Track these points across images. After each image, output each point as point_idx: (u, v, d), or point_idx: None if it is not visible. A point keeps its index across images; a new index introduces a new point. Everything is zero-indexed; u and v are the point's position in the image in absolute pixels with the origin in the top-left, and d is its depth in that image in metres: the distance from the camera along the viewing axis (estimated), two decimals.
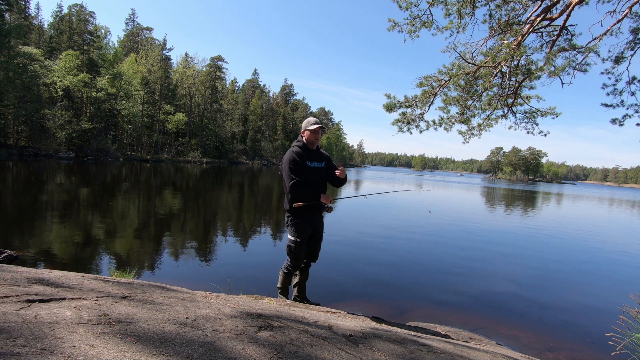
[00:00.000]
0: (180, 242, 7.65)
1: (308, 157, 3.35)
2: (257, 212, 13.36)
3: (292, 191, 3.24)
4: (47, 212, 9.65)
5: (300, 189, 3.24)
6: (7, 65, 30.85)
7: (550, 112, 5.97)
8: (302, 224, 3.33)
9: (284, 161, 3.33)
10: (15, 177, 18.21)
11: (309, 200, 3.27)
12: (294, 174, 3.24)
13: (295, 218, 3.33)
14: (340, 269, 6.42)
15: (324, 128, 3.47)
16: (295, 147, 3.39)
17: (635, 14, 5.42)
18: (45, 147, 35.10)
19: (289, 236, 3.39)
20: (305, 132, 3.43)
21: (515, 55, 5.22)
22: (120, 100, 44.60)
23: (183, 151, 52.70)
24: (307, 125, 3.42)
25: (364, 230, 10.46)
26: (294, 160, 3.28)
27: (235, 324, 1.72)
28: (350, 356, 1.65)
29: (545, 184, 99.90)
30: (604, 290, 6.64)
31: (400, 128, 6.64)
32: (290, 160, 3.27)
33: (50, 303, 1.56)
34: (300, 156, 3.32)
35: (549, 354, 3.96)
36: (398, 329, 2.94)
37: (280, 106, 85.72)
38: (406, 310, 4.87)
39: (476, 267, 7.46)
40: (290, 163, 3.27)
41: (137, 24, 62.06)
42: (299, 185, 3.23)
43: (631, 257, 9.89)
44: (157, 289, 2.34)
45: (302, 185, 3.24)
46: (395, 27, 6.65)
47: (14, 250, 5.73)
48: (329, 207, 3.43)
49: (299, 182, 3.24)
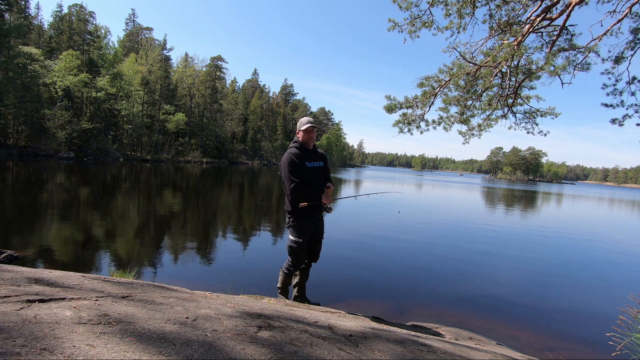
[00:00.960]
0: (180, 242, 7.65)
1: (306, 158, 3.35)
2: (257, 212, 13.36)
3: (293, 193, 3.24)
4: (47, 212, 9.65)
5: (301, 190, 3.24)
6: (7, 65, 30.84)
7: (550, 112, 5.97)
8: (303, 224, 3.33)
9: (282, 163, 3.32)
10: (15, 177, 18.21)
11: (310, 200, 3.27)
12: (294, 175, 3.24)
13: (297, 219, 3.32)
14: (340, 269, 6.42)
15: (316, 127, 3.48)
16: (293, 148, 3.38)
17: (635, 14, 5.42)
18: (45, 147, 35.09)
19: (290, 237, 3.38)
20: (299, 133, 3.44)
21: (515, 55, 5.22)
22: (120, 100, 44.60)
23: (183, 151, 52.70)
24: (300, 126, 3.44)
25: (364, 230, 10.46)
26: (293, 161, 3.27)
27: (235, 324, 1.72)
28: (350, 356, 1.65)
29: (545, 184, 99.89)
30: (604, 290, 6.64)
31: (401, 129, 6.64)
32: (289, 162, 3.27)
33: (50, 303, 1.56)
34: (299, 157, 3.31)
35: (549, 354, 3.96)
36: (398, 329, 2.94)
37: (280, 106, 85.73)
38: (406, 310, 4.86)
39: (476, 267, 7.46)
40: (289, 165, 3.26)
41: (137, 24, 62.08)
42: (299, 186, 3.23)
43: (631, 257, 9.89)
44: (157, 289, 2.34)
45: (302, 186, 3.24)
46: (395, 27, 6.65)
47: (14, 250, 5.72)
48: (329, 208, 3.43)
49: (299, 184, 3.23)
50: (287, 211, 3.38)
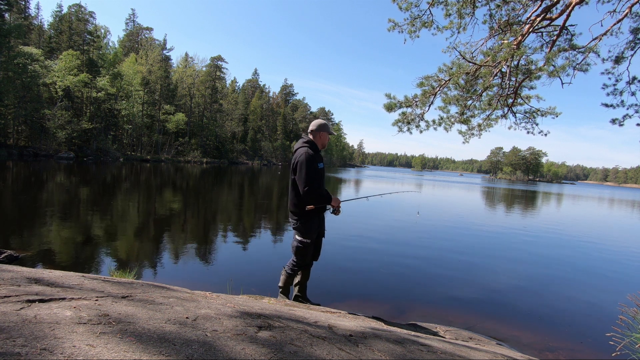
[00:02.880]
0: (181, 242, 7.65)
1: (319, 159, 3.36)
2: (257, 212, 13.36)
3: (311, 194, 3.17)
4: (47, 212, 9.65)
5: (321, 192, 3.23)
6: (7, 65, 30.83)
7: (550, 112, 5.97)
8: (311, 224, 3.31)
9: (302, 161, 3.20)
10: (15, 177, 18.21)
11: (326, 202, 3.29)
12: (315, 176, 3.20)
13: (305, 219, 3.30)
14: (340, 269, 6.41)
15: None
16: (309, 149, 3.30)
17: (635, 14, 5.43)
18: (45, 147, 35.09)
19: (297, 237, 3.35)
20: (322, 135, 3.42)
21: (515, 55, 5.22)
22: (120, 100, 44.59)
23: (183, 151, 52.70)
24: (325, 128, 3.43)
25: (363, 231, 10.46)
26: (312, 163, 3.21)
27: (235, 324, 1.72)
28: (350, 356, 1.65)
29: (545, 184, 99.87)
30: (603, 290, 6.64)
31: (401, 128, 6.64)
32: (310, 163, 3.19)
33: (50, 303, 1.56)
34: (315, 159, 3.29)
35: (549, 354, 3.96)
36: (398, 329, 2.94)
37: (280, 106, 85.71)
38: (406, 310, 4.86)
39: (476, 267, 7.46)
40: (309, 166, 3.18)
41: (137, 24, 62.08)
42: (320, 189, 3.21)
43: (631, 257, 9.89)
44: (157, 289, 2.34)
45: (319, 187, 3.22)
46: (395, 28, 6.65)
47: (14, 250, 5.72)
48: (337, 210, 3.42)
49: (317, 185, 3.19)
50: (293, 212, 3.34)
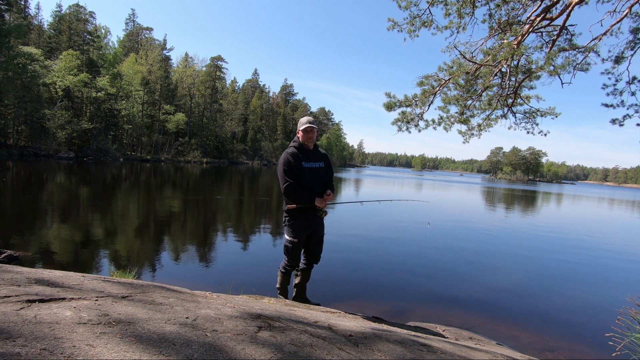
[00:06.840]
0: (181, 242, 7.65)
1: (304, 158, 3.32)
2: (257, 212, 13.36)
3: (285, 193, 3.25)
4: (47, 212, 9.65)
5: (294, 191, 3.23)
6: (7, 65, 30.80)
7: (550, 112, 5.97)
8: (297, 225, 3.32)
9: (278, 163, 3.34)
10: (15, 177, 18.20)
11: (303, 202, 3.26)
12: (288, 175, 3.23)
13: (291, 219, 3.33)
14: (340, 269, 6.41)
15: (315, 127, 3.42)
16: (291, 148, 3.37)
17: (635, 14, 5.42)
18: (45, 147, 35.10)
19: (285, 236, 3.40)
20: (298, 133, 3.43)
21: (515, 54, 5.22)
22: (120, 100, 44.60)
23: (183, 151, 52.69)
24: (300, 125, 3.43)
25: (363, 231, 10.46)
26: (288, 161, 3.27)
27: (235, 324, 1.72)
28: (351, 356, 1.65)
29: (545, 184, 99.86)
30: (604, 290, 6.64)
31: (400, 127, 6.64)
32: (285, 162, 3.27)
33: (50, 303, 1.56)
34: (295, 157, 3.29)
35: (549, 354, 3.96)
36: (398, 329, 2.94)
37: (280, 106, 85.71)
38: (406, 310, 4.87)
39: (476, 267, 7.46)
40: (284, 165, 3.26)
41: (137, 24, 62.08)
42: (292, 187, 3.22)
43: (631, 257, 9.89)
44: (157, 289, 2.34)
45: (295, 187, 3.22)
46: (395, 27, 6.65)
47: (14, 250, 5.72)
48: (323, 212, 3.38)
49: (293, 184, 3.22)
50: (284, 210, 3.40)
